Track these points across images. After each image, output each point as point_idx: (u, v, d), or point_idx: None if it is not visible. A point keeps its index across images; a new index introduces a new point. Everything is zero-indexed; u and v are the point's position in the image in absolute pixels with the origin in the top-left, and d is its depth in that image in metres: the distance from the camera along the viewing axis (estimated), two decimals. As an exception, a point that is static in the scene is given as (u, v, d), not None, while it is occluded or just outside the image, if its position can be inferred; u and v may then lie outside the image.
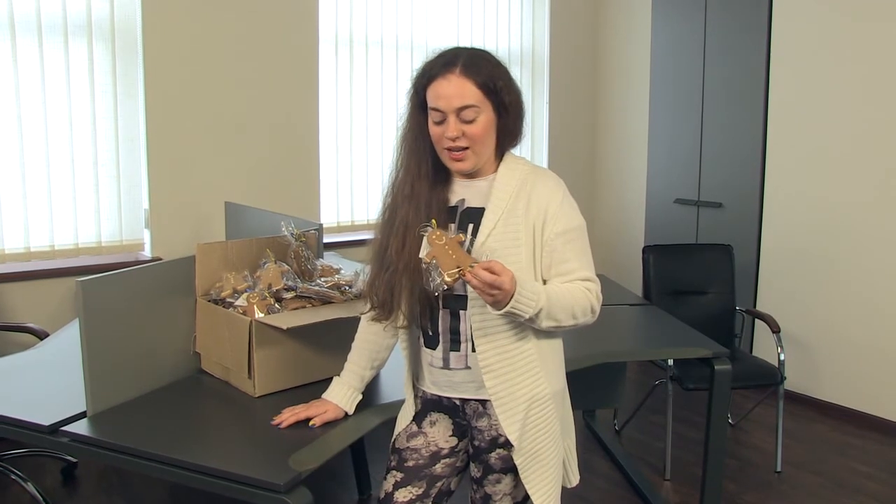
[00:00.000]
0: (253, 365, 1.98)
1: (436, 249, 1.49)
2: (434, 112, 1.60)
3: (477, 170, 1.67)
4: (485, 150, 1.64)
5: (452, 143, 1.59)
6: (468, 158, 1.61)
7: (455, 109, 1.57)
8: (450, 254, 1.48)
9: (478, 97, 1.57)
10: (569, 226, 1.64)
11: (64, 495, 3.08)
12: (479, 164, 1.65)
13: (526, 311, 1.51)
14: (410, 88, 1.67)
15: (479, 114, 1.58)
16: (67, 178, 3.52)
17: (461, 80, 1.57)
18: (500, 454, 1.70)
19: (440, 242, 1.49)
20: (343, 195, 4.45)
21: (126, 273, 1.97)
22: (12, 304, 3.43)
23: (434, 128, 1.61)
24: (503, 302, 1.48)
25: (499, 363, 1.63)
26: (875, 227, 3.87)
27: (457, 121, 1.57)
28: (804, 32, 4.11)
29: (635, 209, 5.28)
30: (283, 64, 4.11)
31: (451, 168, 1.65)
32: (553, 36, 5.25)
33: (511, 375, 1.63)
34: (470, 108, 1.57)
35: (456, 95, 1.56)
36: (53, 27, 3.40)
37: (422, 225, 1.58)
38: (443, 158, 1.64)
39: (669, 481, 3.32)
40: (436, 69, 1.60)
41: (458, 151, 1.60)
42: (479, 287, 1.45)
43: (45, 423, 1.79)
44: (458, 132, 1.57)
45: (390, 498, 1.74)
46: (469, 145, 1.59)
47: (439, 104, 1.58)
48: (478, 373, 1.65)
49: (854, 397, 4.03)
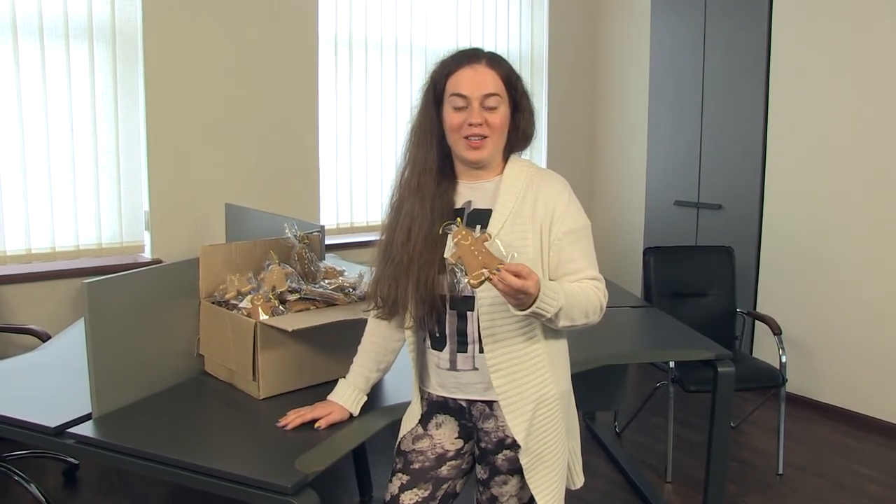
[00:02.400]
0: (257, 367, 1.98)
1: (461, 250, 1.46)
2: (456, 98, 1.62)
3: (484, 169, 1.68)
4: (499, 144, 1.66)
5: (474, 129, 1.61)
6: (486, 147, 1.63)
7: (481, 96, 1.61)
8: (475, 255, 1.45)
9: (501, 89, 1.64)
10: (575, 225, 1.66)
11: (65, 497, 3.07)
12: (492, 156, 1.66)
13: (548, 311, 1.52)
14: (427, 82, 1.70)
15: (500, 104, 1.63)
16: (68, 179, 3.52)
17: (488, 70, 1.63)
18: (507, 455, 1.70)
19: (466, 243, 1.46)
20: (343, 197, 4.45)
21: (131, 275, 1.97)
22: (13, 306, 3.42)
23: (453, 115, 1.63)
24: (527, 304, 1.49)
25: (507, 363, 1.63)
26: (875, 228, 3.88)
27: (480, 108, 1.61)
28: (804, 33, 4.12)
29: (635, 211, 5.28)
30: (283, 66, 4.11)
31: (467, 157, 1.65)
32: (552, 37, 5.26)
33: (519, 375, 1.64)
34: (494, 97, 1.62)
35: (483, 82, 1.62)
36: (55, 29, 3.39)
37: (446, 223, 1.56)
38: (458, 148, 1.65)
39: (670, 483, 3.32)
40: (460, 61, 1.65)
41: (478, 139, 1.62)
42: (506, 291, 1.45)
43: (51, 425, 1.79)
44: (481, 118, 1.60)
45: (396, 500, 1.74)
46: (488, 134, 1.62)
47: (464, 90, 1.61)
48: (485, 374, 1.65)
49: (855, 399, 4.03)
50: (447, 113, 1.65)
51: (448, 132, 1.65)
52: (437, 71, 1.68)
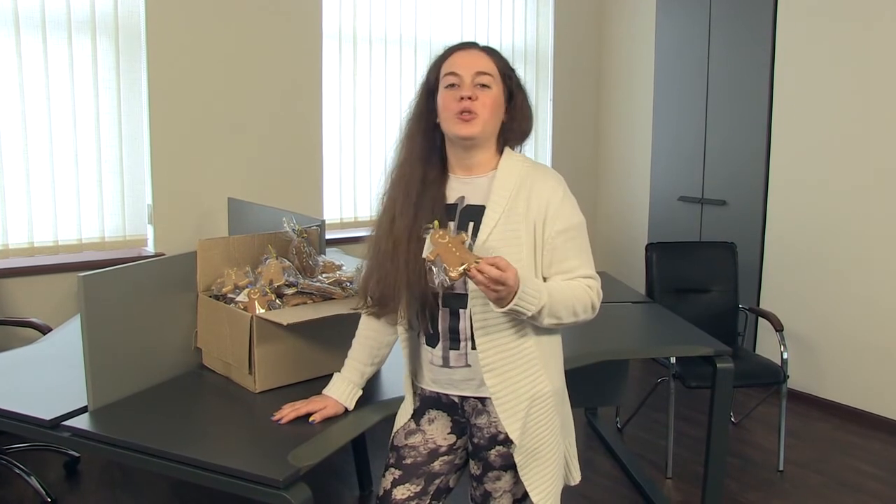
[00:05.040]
0: (253, 361, 1.98)
1: (439, 248, 1.46)
2: (449, 76, 1.63)
3: (476, 163, 1.67)
4: (490, 124, 1.64)
5: (464, 103, 1.59)
6: (476, 124, 1.61)
7: (473, 73, 1.62)
8: (454, 252, 1.45)
9: (494, 71, 1.65)
10: (569, 224, 1.64)
11: (66, 490, 3.09)
12: (483, 138, 1.64)
13: (529, 308, 1.51)
14: (424, 76, 1.70)
15: (493, 84, 1.63)
16: (71, 173, 3.54)
17: (481, 53, 1.67)
18: (500, 451, 1.70)
19: (443, 241, 1.47)
20: (346, 191, 4.45)
21: (127, 268, 1.97)
22: (16, 299, 3.44)
23: (446, 94, 1.63)
24: (506, 299, 1.47)
25: (500, 361, 1.62)
26: (880, 225, 3.85)
27: (472, 84, 1.61)
28: (809, 29, 4.09)
29: (639, 207, 5.27)
30: (287, 60, 4.10)
31: (457, 132, 1.61)
32: (557, 33, 5.24)
33: (512, 374, 1.63)
34: (486, 75, 1.63)
35: (476, 62, 1.64)
36: (57, 23, 3.40)
37: (424, 226, 1.55)
38: (448, 127, 1.63)
39: (671, 479, 3.32)
40: (454, 48, 1.68)
41: (469, 114, 1.60)
42: (484, 283, 1.44)
43: (47, 418, 1.80)
44: (473, 93, 1.60)
45: (388, 495, 1.74)
46: (479, 112, 1.61)
47: (457, 69, 1.63)
48: (477, 370, 1.65)
49: (857, 396, 4.02)
50: (440, 95, 1.64)
51: (441, 113, 1.64)
52: (433, 63, 1.69)
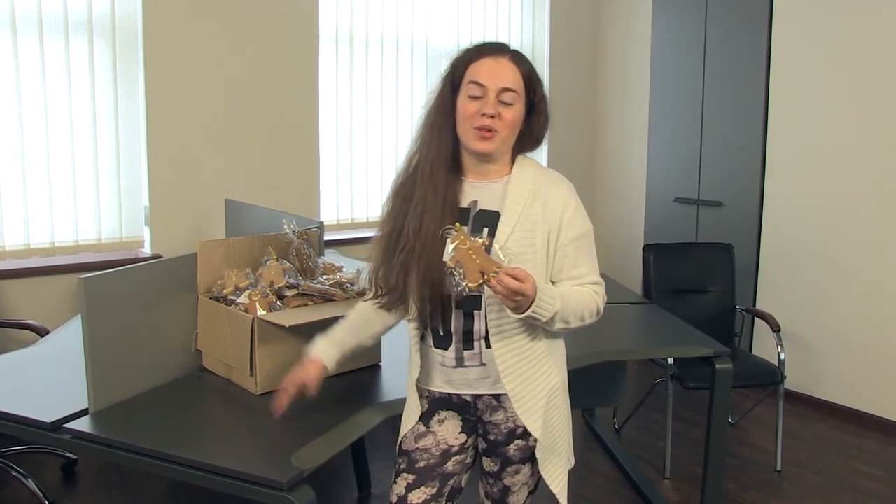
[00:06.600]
0: (255, 362, 1.98)
1: (460, 254, 1.48)
2: (473, 86, 1.60)
3: (492, 166, 1.67)
4: (508, 140, 1.65)
5: (486, 120, 1.59)
6: (494, 141, 1.61)
7: (498, 89, 1.59)
8: (474, 259, 1.47)
9: (520, 86, 1.62)
10: (580, 231, 1.68)
11: (64, 492, 3.07)
12: (499, 152, 1.65)
13: (544, 315, 1.54)
14: (448, 68, 1.67)
15: (516, 101, 1.62)
16: (68, 174, 3.52)
17: (510, 65, 1.62)
18: (519, 445, 1.72)
19: (464, 247, 1.48)
20: (343, 193, 4.45)
21: (128, 270, 1.97)
22: (12, 301, 3.42)
23: (468, 103, 1.61)
24: (523, 307, 1.50)
25: (516, 364, 1.66)
26: (876, 225, 3.87)
27: (496, 100, 1.59)
28: (805, 30, 4.11)
29: (635, 208, 5.28)
30: (284, 61, 4.10)
31: (474, 147, 1.62)
32: (553, 34, 5.25)
33: (528, 374, 1.67)
34: (511, 93, 1.61)
35: (503, 76, 1.60)
36: (54, 24, 3.39)
37: (445, 228, 1.55)
38: (466, 138, 1.63)
39: (669, 480, 3.32)
40: (484, 51, 1.64)
41: (489, 131, 1.60)
42: (504, 294, 1.47)
43: (48, 420, 1.79)
44: (495, 110, 1.59)
45: (404, 501, 1.72)
46: (499, 129, 1.60)
47: (483, 79, 1.60)
48: (492, 368, 1.67)
49: (854, 396, 4.03)
50: (462, 101, 1.62)
51: (459, 120, 1.63)
52: (459, 57, 1.66)
